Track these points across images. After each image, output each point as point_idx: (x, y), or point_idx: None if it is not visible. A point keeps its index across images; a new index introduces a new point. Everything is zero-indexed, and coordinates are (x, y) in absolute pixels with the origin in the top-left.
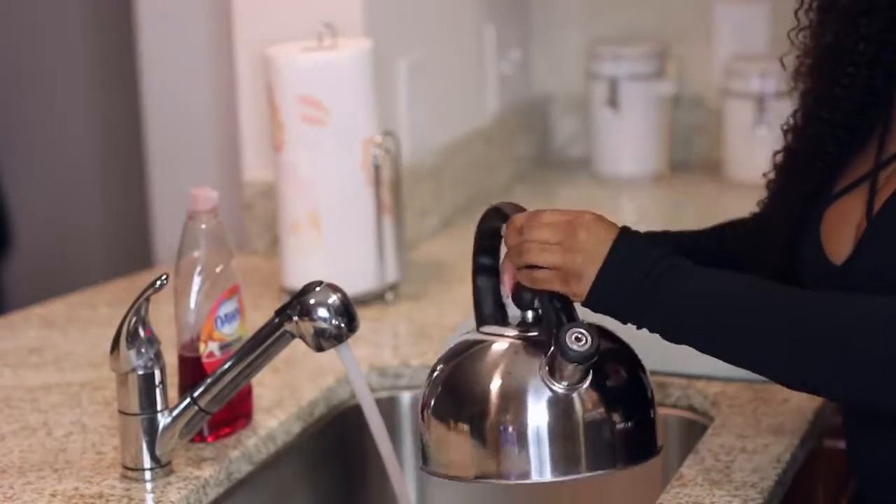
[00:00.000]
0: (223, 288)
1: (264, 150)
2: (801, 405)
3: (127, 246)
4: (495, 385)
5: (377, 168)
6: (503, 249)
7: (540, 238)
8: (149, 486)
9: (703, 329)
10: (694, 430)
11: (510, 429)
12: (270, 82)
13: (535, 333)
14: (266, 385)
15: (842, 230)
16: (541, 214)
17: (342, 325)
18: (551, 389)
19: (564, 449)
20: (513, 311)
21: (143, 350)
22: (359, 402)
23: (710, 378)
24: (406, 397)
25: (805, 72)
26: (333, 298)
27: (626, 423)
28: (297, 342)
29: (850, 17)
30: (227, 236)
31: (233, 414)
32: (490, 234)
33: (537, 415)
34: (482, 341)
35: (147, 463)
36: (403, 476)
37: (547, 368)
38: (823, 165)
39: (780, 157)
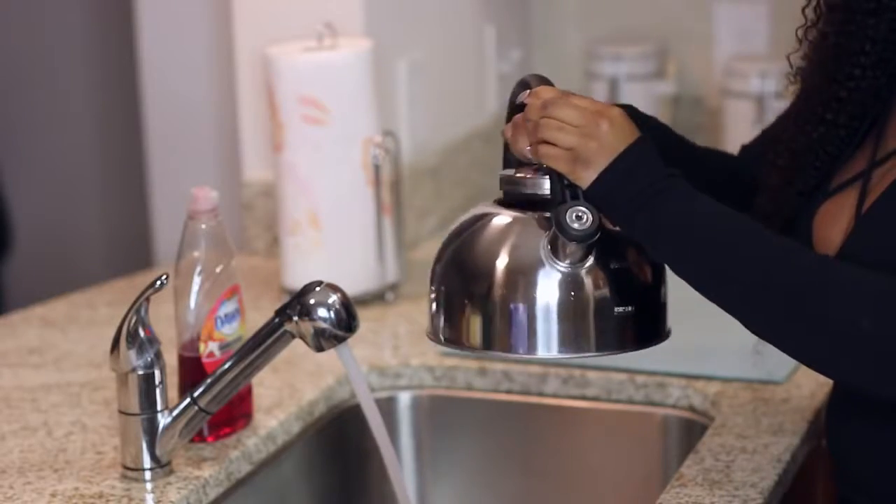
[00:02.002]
0: (223, 288)
1: (264, 150)
2: (800, 405)
3: (127, 246)
4: (504, 260)
5: (377, 168)
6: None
7: (563, 117)
8: (149, 486)
9: (679, 259)
10: (694, 430)
11: (519, 304)
12: (270, 82)
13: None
14: (266, 385)
15: (832, 228)
16: (571, 96)
17: (342, 325)
18: (554, 268)
19: (572, 327)
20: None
21: (143, 350)
22: (359, 402)
23: (710, 378)
24: (406, 397)
25: (810, 71)
26: (333, 298)
27: (633, 304)
28: (297, 342)
29: (858, 17)
30: (227, 236)
31: (233, 414)
32: (520, 109)
33: (545, 291)
34: (491, 214)
35: (147, 463)
36: (403, 476)
37: (549, 247)
38: (821, 164)
39: (778, 156)
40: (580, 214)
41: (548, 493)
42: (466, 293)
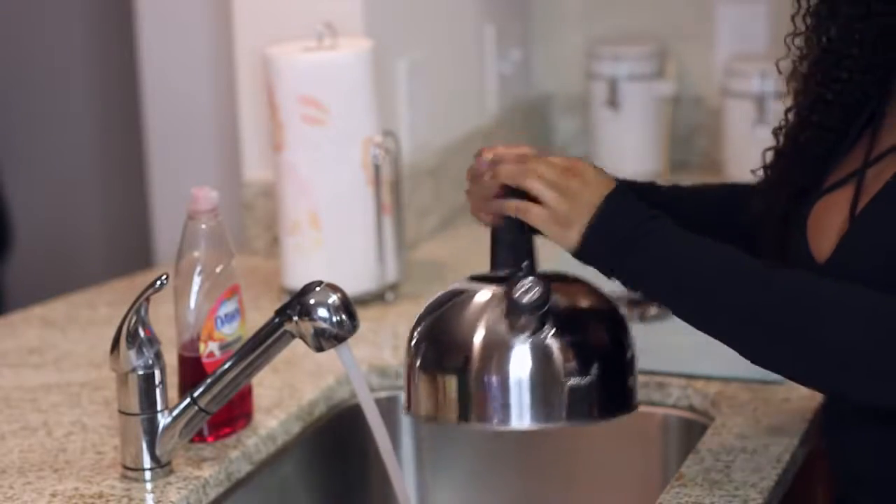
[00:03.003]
0: (223, 288)
1: (264, 150)
2: (800, 405)
3: (127, 246)
4: (477, 335)
5: (377, 168)
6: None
7: (538, 170)
8: (149, 486)
9: (670, 295)
10: (694, 430)
11: (492, 376)
12: (270, 82)
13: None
14: (266, 385)
15: (826, 229)
16: (545, 154)
17: (342, 325)
18: (513, 339)
19: (543, 397)
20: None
21: (143, 350)
22: (359, 402)
23: (709, 378)
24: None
25: (799, 76)
26: (333, 298)
27: (593, 375)
28: (297, 342)
29: (847, 22)
30: (227, 236)
31: (233, 414)
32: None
33: (517, 363)
34: (464, 291)
35: (147, 463)
36: (403, 476)
37: (507, 320)
38: (810, 166)
39: (769, 156)
40: (529, 287)
41: (548, 493)
42: (440, 367)
